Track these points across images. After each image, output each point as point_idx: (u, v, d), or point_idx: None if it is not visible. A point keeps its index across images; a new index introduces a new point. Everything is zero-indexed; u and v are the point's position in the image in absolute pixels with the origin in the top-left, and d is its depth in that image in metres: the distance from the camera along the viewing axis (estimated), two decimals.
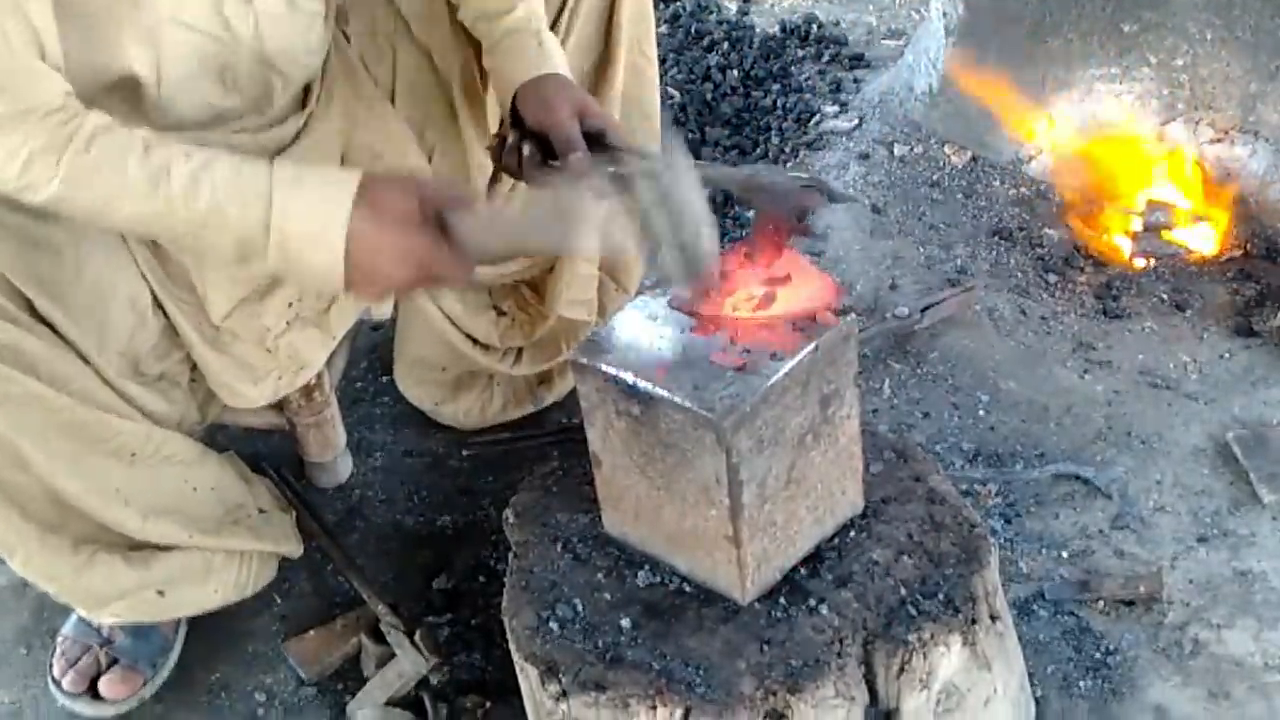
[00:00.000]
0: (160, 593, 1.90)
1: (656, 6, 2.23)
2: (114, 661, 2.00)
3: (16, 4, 1.53)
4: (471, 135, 2.09)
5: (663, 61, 2.33)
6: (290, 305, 1.97)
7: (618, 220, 1.59)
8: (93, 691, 2.00)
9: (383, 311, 2.23)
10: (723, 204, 2.90)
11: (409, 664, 1.97)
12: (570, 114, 1.82)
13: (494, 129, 2.06)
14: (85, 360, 1.76)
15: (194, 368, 1.93)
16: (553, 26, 2.03)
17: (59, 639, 2.05)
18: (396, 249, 1.59)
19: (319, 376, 2.17)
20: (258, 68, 1.83)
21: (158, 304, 1.85)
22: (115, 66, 1.69)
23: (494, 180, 2.17)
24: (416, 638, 2.02)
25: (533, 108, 1.85)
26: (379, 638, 2.04)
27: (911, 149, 2.86)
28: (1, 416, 1.68)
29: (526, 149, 1.82)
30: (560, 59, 1.90)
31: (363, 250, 1.58)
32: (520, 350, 2.32)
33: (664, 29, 3.19)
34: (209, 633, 2.07)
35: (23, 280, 1.66)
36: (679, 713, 1.58)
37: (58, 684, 2.01)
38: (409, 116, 2.07)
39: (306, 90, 1.94)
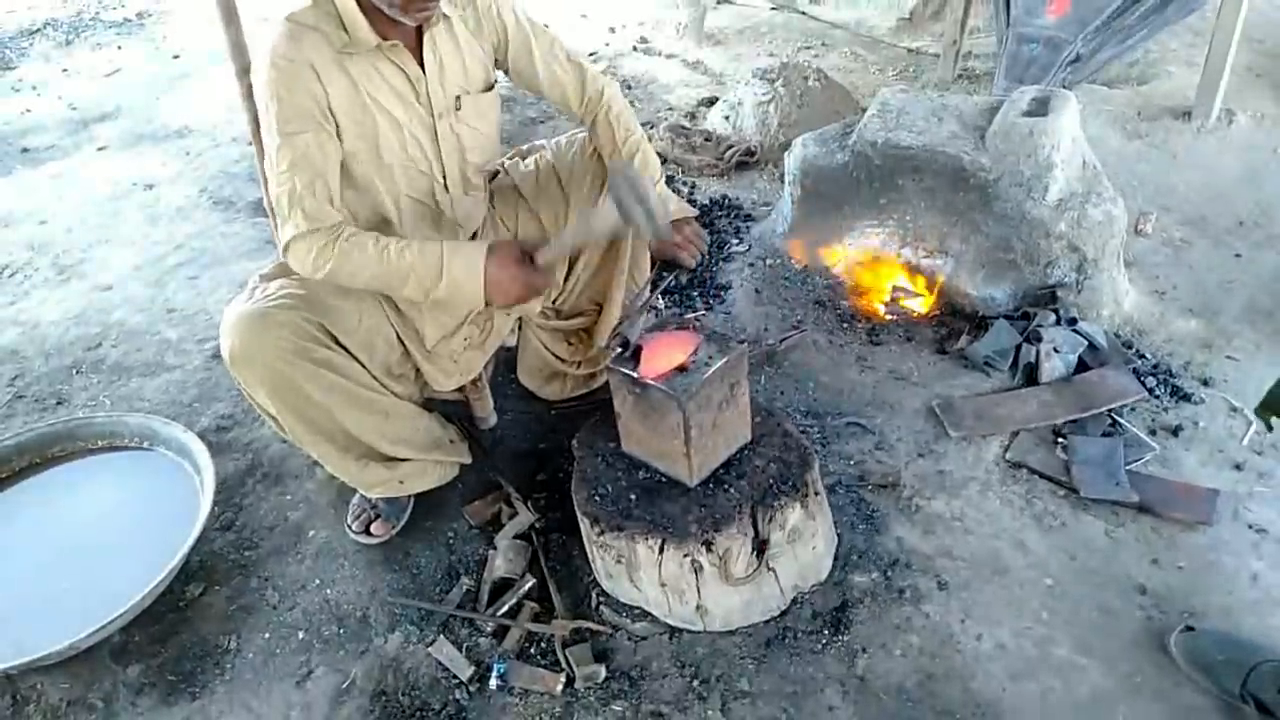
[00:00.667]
0: (401, 482, 1.97)
1: None
2: (378, 515, 2.05)
3: (325, 174, 1.66)
4: None
5: None
6: (466, 339, 2.05)
7: (609, 213, 1.61)
8: (367, 531, 2.04)
9: (510, 341, 2.28)
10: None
11: (525, 517, 2.04)
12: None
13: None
14: (363, 366, 1.84)
15: (417, 371, 2.01)
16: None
17: (351, 505, 2.10)
18: (508, 277, 1.69)
19: (480, 375, 2.22)
20: (451, 222, 1.94)
21: (399, 338, 1.94)
22: (378, 212, 1.83)
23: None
24: (528, 504, 2.08)
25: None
26: (510, 504, 2.09)
27: (775, 261, 2.88)
28: (325, 394, 1.75)
29: None
30: (666, 203, 1.90)
31: (491, 281, 1.69)
32: (580, 362, 2.31)
33: None
34: (426, 501, 2.11)
35: (332, 326, 1.77)
36: (658, 543, 1.67)
37: (349, 527, 2.07)
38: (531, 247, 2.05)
39: (474, 234, 2.02)
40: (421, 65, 1.73)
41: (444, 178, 1.86)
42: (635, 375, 1.68)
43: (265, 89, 1.62)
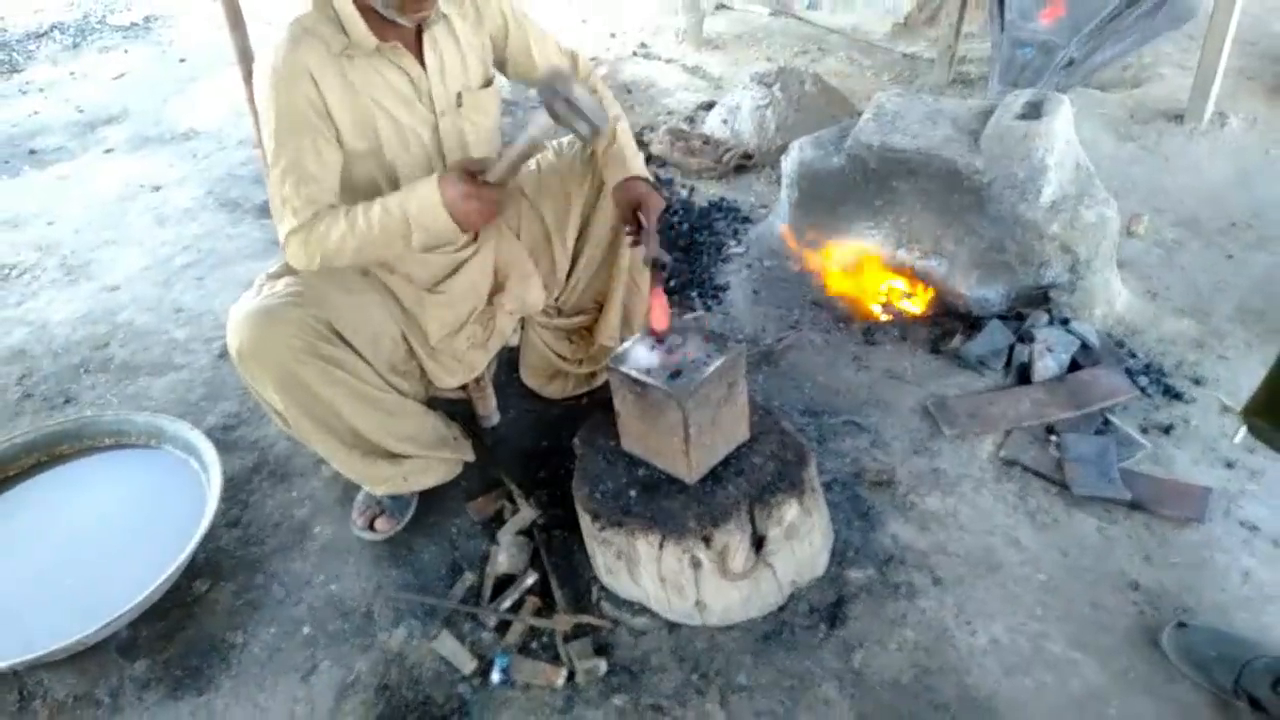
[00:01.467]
0: (405, 479, 1.98)
1: None
2: (383, 511, 2.06)
3: (319, 176, 1.65)
4: (558, 254, 2.10)
5: None
6: (469, 338, 2.04)
7: (540, 117, 1.57)
8: (371, 528, 2.04)
9: (513, 341, 2.26)
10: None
11: (527, 513, 2.04)
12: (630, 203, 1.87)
13: (570, 250, 2.12)
14: (369, 364, 1.84)
15: (421, 369, 2.01)
16: (592, 210, 2.07)
17: (356, 502, 2.11)
18: (463, 197, 1.63)
19: (483, 373, 2.21)
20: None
21: (403, 336, 1.94)
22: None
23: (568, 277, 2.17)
24: (530, 500, 2.08)
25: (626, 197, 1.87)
26: (512, 500, 2.10)
27: (773, 263, 2.89)
28: (331, 390, 1.75)
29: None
30: (629, 163, 1.89)
31: (451, 207, 1.63)
32: (581, 360, 2.32)
33: None
34: (430, 498, 2.11)
35: (338, 324, 1.77)
36: (658, 539, 1.68)
37: (354, 524, 2.08)
38: (526, 244, 2.09)
39: (476, 232, 1.98)
40: (423, 64, 1.73)
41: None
42: (637, 374, 1.68)
43: (263, 94, 1.63)
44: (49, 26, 6.35)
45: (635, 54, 4.98)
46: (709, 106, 4.11)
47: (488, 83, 1.87)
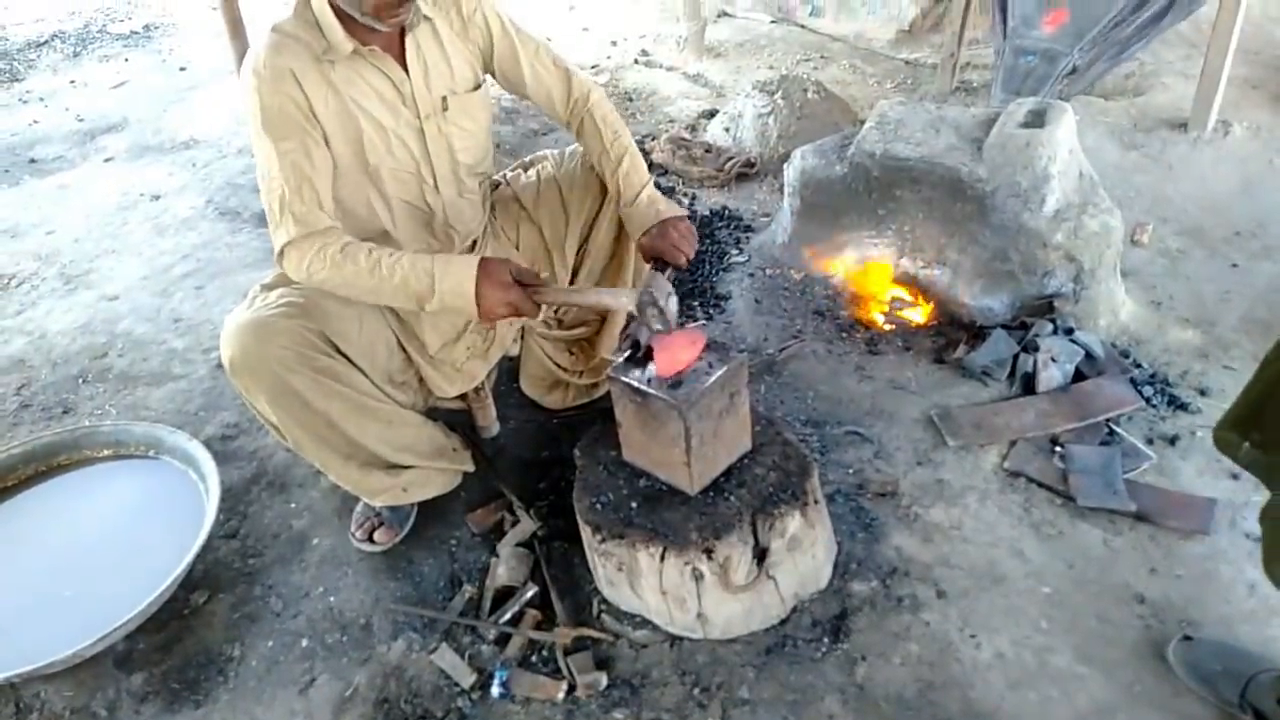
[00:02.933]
0: (404, 489, 1.96)
1: None
2: (381, 523, 2.05)
3: (312, 178, 1.64)
4: (557, 266, 2.09)
5: None
6: (468, 348, 2.05)
7: (627, 302, 1.67)
8: (370, 539, 2.04)
9: (513, 351, 2.26)
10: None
11: (527, 525, 2.04)
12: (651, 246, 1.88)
13: (570, 264, 2.11)
14: (365, 375, 1.83)
15: (420, 379, 2.00)
16: (593, 222, 2.08)
17: (355, 513, 2.10)
18: (499, 296, 1.64)
19: (482, 383, 2.21)
20: (446, 228, 1.94)
21: (400, 346, 1.93)
22: (371, 216, 1.83)
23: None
24: (530, 512, 2.07)
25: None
26: (512, 512, 2.10)
27: (775, 271, 2.88)
28: (326, 402, 1.74)
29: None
30: (655, 204, 1.90)
31: (482, 296, 1.63)
32: (582, 372, 2.32)
33: None
34: (429, 509, 2.10)
35: (332, 334, 1.76)
36: (659, 550, 1.67)
37: (353, 535, 2.07)
38: (526, 256, 2.09)
39: (474, 243, 2.02)
40: (405, 68, 1.73)
41: (434, 179, 1.84)
42: (638, 384, 1.68)
43: (249, 96, 1.63)
44: (50, 35, 6.37)
45: (637, 62, 4.99)
46: (711, 114, 4.12)
47: (476, 87, 1.86)
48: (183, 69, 5.58)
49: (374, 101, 1.71)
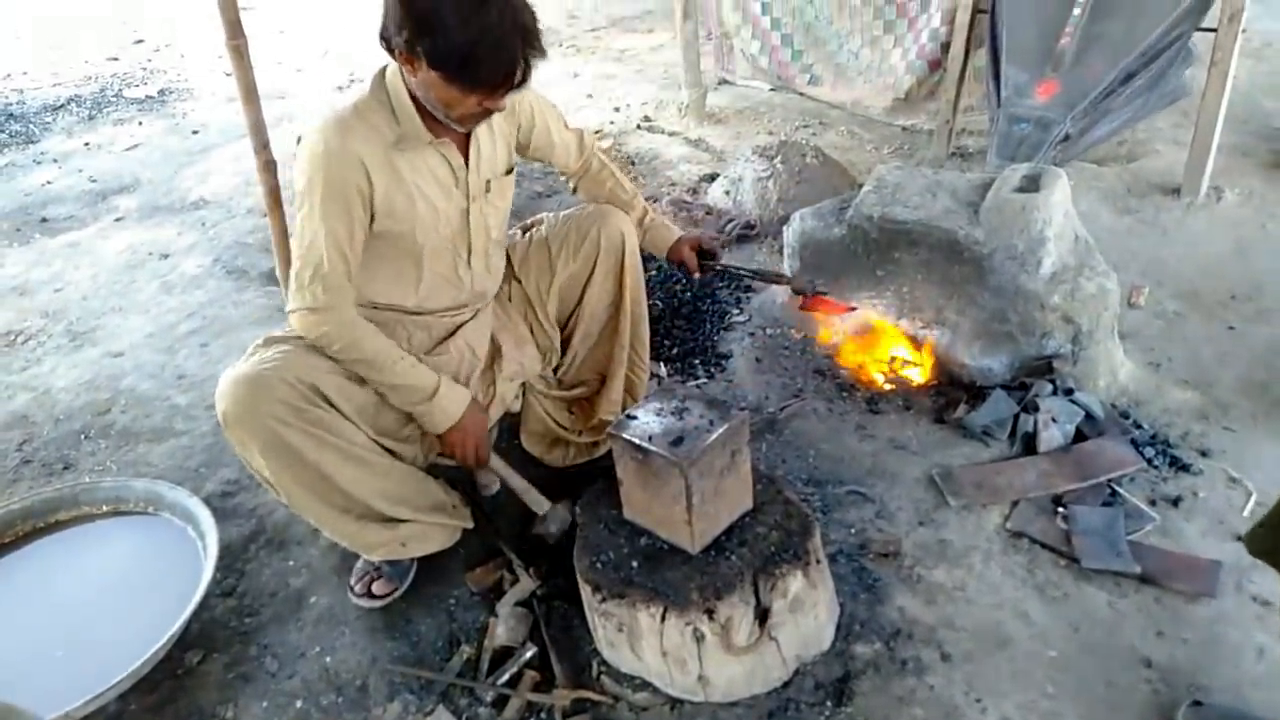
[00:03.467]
0: (403, 544, 1.95)
1: (645, 267, 2.30)
2: (380, 575, 2.04)
3: (349, 259, 1.73)
4: (543, 320, 2.18)
5: (652, 290, 2.40)
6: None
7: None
8: (369, 593, 2.03)
9: (514, 407, 2.27)
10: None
11: (526, 584, 2.02)
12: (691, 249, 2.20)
13: (555, 318, 2.21)
14: (359, 428, 1.83)
15: (422, 433, 1.98)
16: (585, 285, 2.15)
17: (355, 569, 2.09)
18: (472, 435, 1.91)
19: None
20: (472, 296, 2.02)
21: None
22: (401, 286, 1.90)
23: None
24: (530, 571, 2.05)
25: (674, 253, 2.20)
26: (511, 571, 2.08)
27: (775, 331, 2.91)
28: (319, 454, 1.75)
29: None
30: (668, 227, 2.24)
31: (461, 426, 1.87)
32: (582, 430, 2.33)
33: (653, 273, 3.24)
34: (428, 567, 2.10)
35: (325, 388, 1.77)
36: (660, 610, 1.66)
37: (351, 590, 2.06)
38: (517, 310, 2.18)
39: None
40: (465, 156, 1.82)
41: (468, 254, 1.93)
42: (639, 442, 1.68)
43: (310, 164, 1.68)
44: (66, 99, 6.52)
45: (639, 127, 5.10)
46: (712, 178, 4.19)
47: (510, 170, 1.97)
48: (195, 132, 5.70)
49: (433, 185, 1.79)
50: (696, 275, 2.22)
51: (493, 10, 1.50)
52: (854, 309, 2.55)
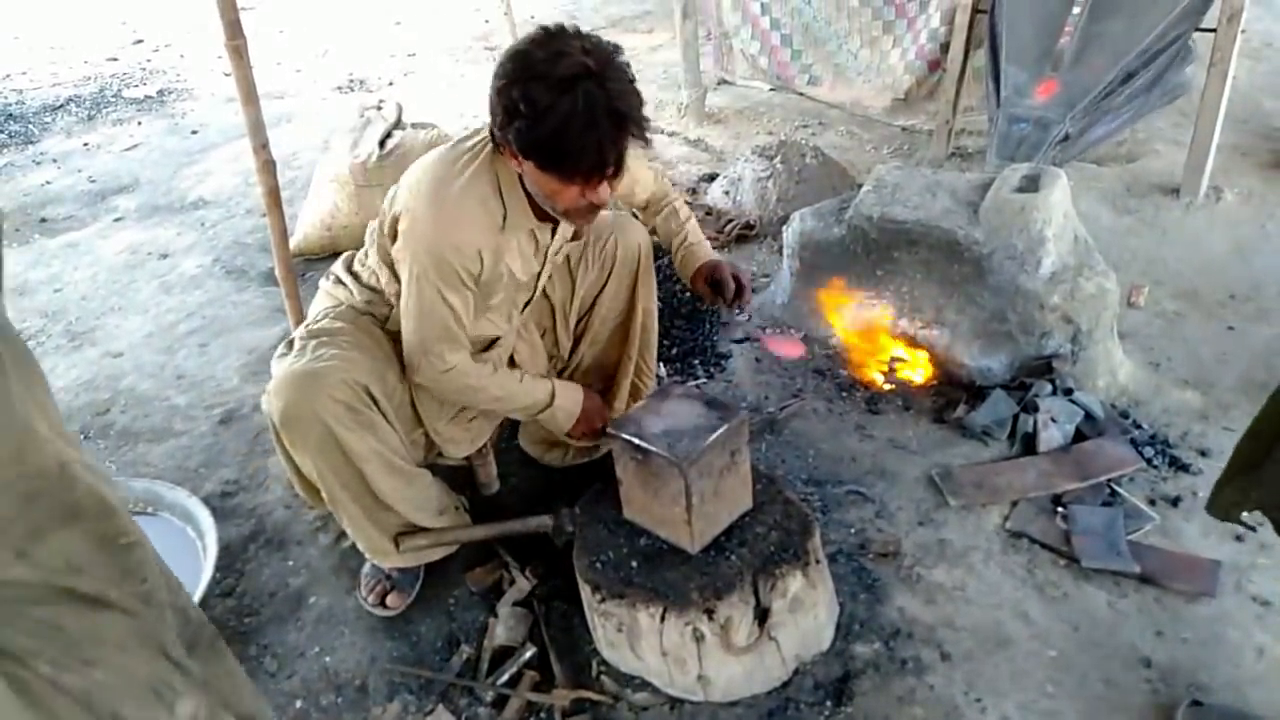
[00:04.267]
0: (415, 551, 1.95)
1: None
2: (393, 587, 2.03)
3: (464, 320, 1.76)
4: (560, 330, 2.16)
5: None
6: (472, 419, 2.05)
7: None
8: (383, 604, 2.02)
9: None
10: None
11: (525, 584, 2.03)
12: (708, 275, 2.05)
13: (573, 331, 2.19)
14: (396, 431, 1.83)
15: (427, 438, 1.98)
16: (599, 292, 2.14)
17: (362, 575, 2.08)
18: (592, 417, 1.99)
19: (485, 443, 2.20)
20: (513, 330, 2.00)
21: (412, 404, 1.92)
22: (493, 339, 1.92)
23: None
24: (526, 571, 2.05)
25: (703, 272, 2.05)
26: (510, 571, 2.07)
27: (775, 331, 2.91)
28: (363, 458, 1.75)
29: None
30: (702, 245, 2.11)
31: (583, 418, 1.97)
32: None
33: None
34: (434, 570, 2.09)
35: (374, 389, 1.75)
36: (659, 610, 1.66)
37: (364, 599, 2.05)
38: (535, 319, 2.12)
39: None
40: (553, 233, 1.84)
41: (524, 307, 1.95)
42: (639, 442, 1.68)
43: (428, 252, 1.66)
44: (65, 99, 6.52)
45: None
46: (711, 178, 4.19)
47: (575, 236, 1.96)
48: (195, 132, 5.70)
49: (518, 259, 1.80)
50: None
51: (579, 95, 1.46)
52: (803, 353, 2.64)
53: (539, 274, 1.90)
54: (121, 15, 9.15)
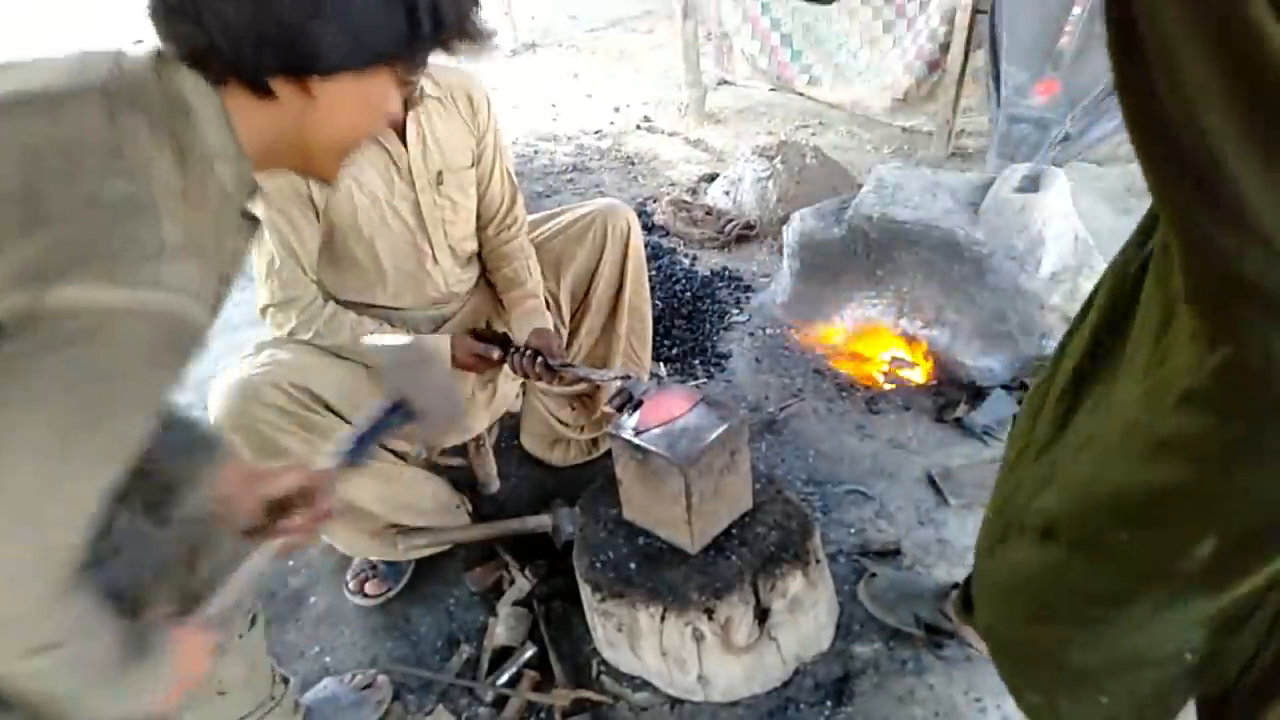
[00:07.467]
0: (397, 545, 1.94)
1: (649, 263, 2.30)
2: (374, 576, 2.04)
3: (298, 251, 1.72)
4: (555, 321, 2.11)
5: (652, 289, 2.38)
6: (468, 399, 2.04)
7: None
8: (362, 591, 2.03)
9: (515, 407, 2.26)
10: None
11: (524, 584, 2.02)
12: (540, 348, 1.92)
13: (567, 318, 2.18)
14: None
15: None
16: (594, 274, 2.12)
17: (352, 565, 2.08)
18: (471, 358, 1.86)
19: (482, 438, 2.22)
20: (447, 294, 1.98)
21: None
22: (364, 283, 1.86)
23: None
24: (526, 571, 2.04)
25: (533, 340, 1.93)
26: (510, 570, 2.06)
27: (775, 330, 2.91)
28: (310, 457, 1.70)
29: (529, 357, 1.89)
30: (542, 316, 1.99)
31: (461, 360, 1.84)
32: (583, 426, 2.34)
33: (652, 272, 3.24)
34: (427, 568, 2.10)
35: (320, 390, 1.73)
36: (659, 610, 1.65)
37: (346, 587, 2.06)
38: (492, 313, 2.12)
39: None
40: (404, 142, 1.76)
41: (431, 249, 1.88)
42: (639, 442, 1.66)
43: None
44: None
45: (639, 127, 5.09)
46: (711, 178, 4.19)
47: (470, 166, 1.90)
48: None
49: (370, 174, 1.74)
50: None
51: None
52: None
53: (418, 202, 1.82)
54: (122, 15, 9.14)
